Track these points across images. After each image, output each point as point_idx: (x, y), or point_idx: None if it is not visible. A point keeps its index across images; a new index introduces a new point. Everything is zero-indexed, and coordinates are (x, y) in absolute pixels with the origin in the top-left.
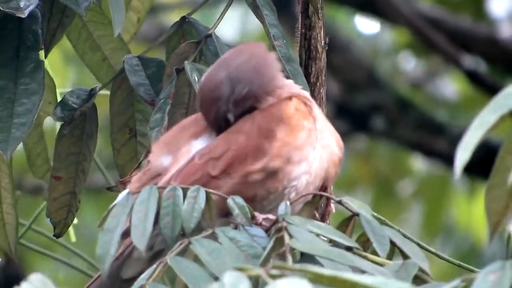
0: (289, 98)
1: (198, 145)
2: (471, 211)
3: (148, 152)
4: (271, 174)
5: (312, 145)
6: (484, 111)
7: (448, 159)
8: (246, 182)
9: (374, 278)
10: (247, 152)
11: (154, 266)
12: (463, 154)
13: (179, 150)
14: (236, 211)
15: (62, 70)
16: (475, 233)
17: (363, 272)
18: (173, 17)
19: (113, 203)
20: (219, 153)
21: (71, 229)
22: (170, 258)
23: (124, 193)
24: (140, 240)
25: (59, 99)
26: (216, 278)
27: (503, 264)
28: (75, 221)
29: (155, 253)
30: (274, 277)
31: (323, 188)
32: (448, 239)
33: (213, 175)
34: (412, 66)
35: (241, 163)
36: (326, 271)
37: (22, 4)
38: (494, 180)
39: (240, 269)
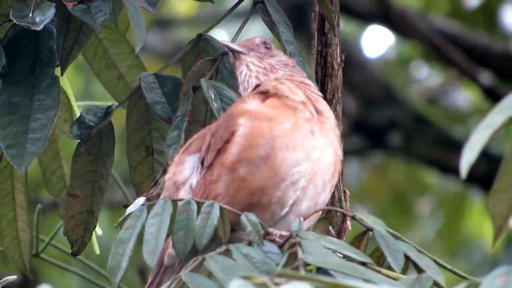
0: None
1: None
2: (485, 224)
3: (165, 170)
4: (262, 162)
5: (304, 135)
6: (491, 114)
7: None
8: (239, 176)
9: (374, 285)
10: (218, 148)
11: (169, 282)
12: (469, 154)
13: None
14: (249, 228)
15: (72, 79)
16: (489, 245)
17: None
18: (188, 33)
19: (129, 210)
20: (209, 159)
21: (94, 241)
22: (184, 274)
23: (138, 201)
24: (151, 256)
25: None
26: None
27: (510, 269)
28: (99, 232)
29: None
30: (278, 284)
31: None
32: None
33: (211, 179)
34: (425, 76)
35: (219, 158)
36: (327, 278)
37: (37, 19)
38: (498, 184)
39: (246, 278)
